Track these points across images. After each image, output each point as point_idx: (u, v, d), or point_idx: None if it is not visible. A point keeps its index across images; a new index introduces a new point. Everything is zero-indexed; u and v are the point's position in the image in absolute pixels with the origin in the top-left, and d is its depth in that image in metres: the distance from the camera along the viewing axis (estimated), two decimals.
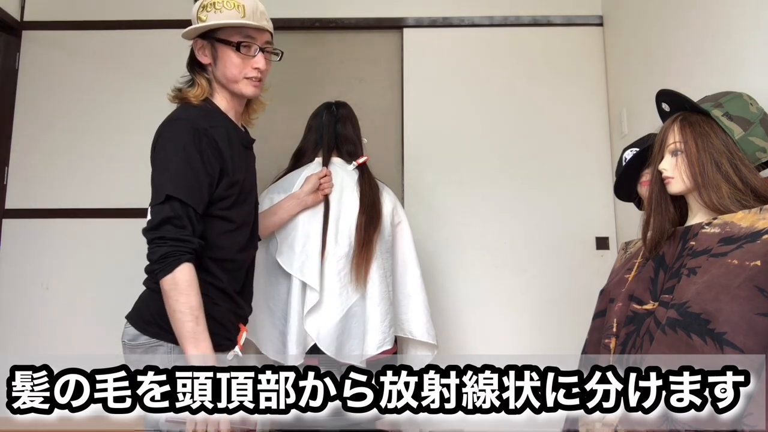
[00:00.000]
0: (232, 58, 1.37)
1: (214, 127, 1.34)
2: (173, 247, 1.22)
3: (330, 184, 1.87)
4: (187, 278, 1.21)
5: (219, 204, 1.33)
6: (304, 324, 1.77)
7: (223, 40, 1.37)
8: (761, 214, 1.06)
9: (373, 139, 2.33)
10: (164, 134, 1.32)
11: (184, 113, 1.34)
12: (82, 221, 2.67)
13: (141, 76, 2.76)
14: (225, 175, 1.33)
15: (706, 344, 0.95)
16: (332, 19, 2.82)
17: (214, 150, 1.31)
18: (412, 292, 2.00)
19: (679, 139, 1.23)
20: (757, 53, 1.59)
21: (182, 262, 1.21)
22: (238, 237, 1.40)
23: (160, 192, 1.25)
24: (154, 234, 1.23)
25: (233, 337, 1.38)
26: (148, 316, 1.31)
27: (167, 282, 1.21)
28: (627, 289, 1.29)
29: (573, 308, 2.56)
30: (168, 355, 1.27)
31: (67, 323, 2.59)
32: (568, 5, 2.83)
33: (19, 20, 2.80)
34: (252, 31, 1.38)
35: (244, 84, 1.40)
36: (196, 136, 1.29)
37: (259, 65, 1.39)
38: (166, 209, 1.23)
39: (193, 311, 1.20)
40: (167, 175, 1.26)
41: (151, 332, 1.29)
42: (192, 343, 1.20)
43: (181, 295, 1.20)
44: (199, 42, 1.40)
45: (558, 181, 2.70)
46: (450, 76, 2.79)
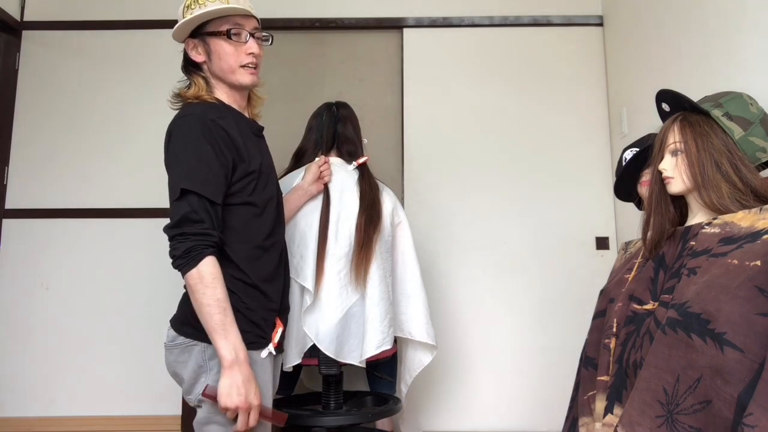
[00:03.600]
0: (225, 48, 1.37)
1: (223, 118, 1.34)
2: (195, 241, 1.22)
3: (329, 172, 1.88)
4: (212, 271, 1.22)
5: (241, 193, 1.33)
6: (303, 324, 1.77)
7: (213, 32, 1.37)
8: (761, 214, 1.06)
9: (373, 139, 2.33)
10: (174, 132, 1.32)
11: (191, 109, 1.34)
12: (82, 221, 2.67)
13: (141, 76, 2.77)
14: (241, 162, 1.33)
15: (706, 344, 0.95)
16: (332, 19, 2.83)
17: (226, 140, 1.31)
18: (412, 293, 2.00)
19: (679, 139, 1.23)
20: (757, 53, 1.59)
21: (206, 255, 1.22)
22: (265, 221, 1.39)
23: (176, 188, 1.26)
24: (175, 231, 1.24)
25: (266, 334, 1.36)
26: (182, 318, 1.33)
27: (192, 276, 1.21)
28: (627, 289, 1.29)
29: (573, 308, 2.56)
30: (202, 353, 1.28)
31: (67, 323, 2.59)
32: (568, 5, 2.83)
33: (19, 20, 2.80)
34: (239, 18, 1.39)
35: (241, 73, 1.39)
36: (206, 128, 1.29)
37: (252, 50, 1.39)
38: (183, 205, 1.24)
39: (220, 303, 1.21)
40: (181, 171, 1.27)
41: (186, 333, 1.30)
42: (222, 335, 1.21)
43: (207, 288, 1.21)
44: (191, 42, 1.41)
45: (558, 181, 2.70)
46: (450, 76, 2.79)
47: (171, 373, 1.35)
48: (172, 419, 2.51)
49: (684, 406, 0.96)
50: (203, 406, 1.29)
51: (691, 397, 0.95)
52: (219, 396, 1.20)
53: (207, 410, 1.28)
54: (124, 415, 2.53)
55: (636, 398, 1.06)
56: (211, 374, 1.27)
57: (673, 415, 0.97)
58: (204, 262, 1.21)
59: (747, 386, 0.88)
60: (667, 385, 1.00)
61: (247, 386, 1.21)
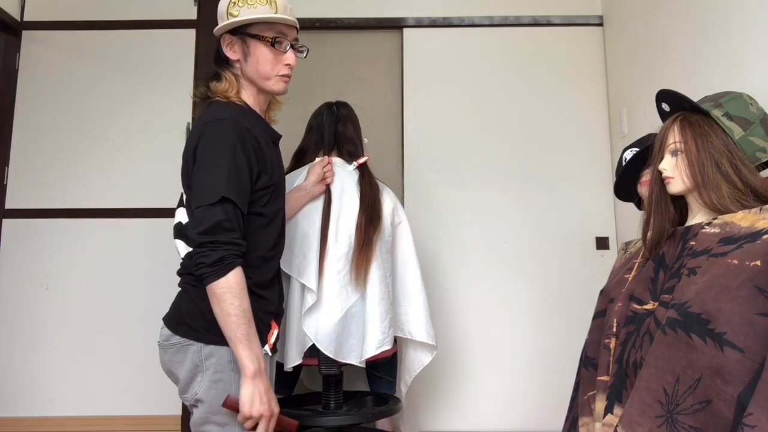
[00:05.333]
0: (265, 54, 1.36)
1: (253, 126, 1.34)
2: (227, 251, 1.22)
3: (332, 173, 1.88)
4: (240, 281, 1.22)
5: (255, 203, 1.33)
6: (303, 324, 1.77)
7: (256, 35, 1.36)
8: (761, 214, 1.05)
9: (373, 139, 2.33)
10: (210, 134, 1.29)
11: (226, 112, 1.32)
12: (82, 221, 2.67)
13: (141, 76, 2.76)
14: (263, 174, 1.33)
15: (706, 344, 0.95)
16: (332, 19, 2.83)
17: (257, 150, 1.31)
18: (412, 293, 2.00)
19: (679, 139, 1.23)
20: (757, 53, 1.59)
21: (236, 266, 1.22)
22: (270, 232, 1.39)
23: (212, 192, 1.23)
24: (208, 237, 1.22)
25: (263, 335, 1.37)
26: (178, 317, 1.33)
27: (220, 286, 1.21)
28: (627, 289, 1.29)
29: (573, 308, 2.56)
30: (198, 353, 1.28)
31: (67, 323, 2.59)
32: (568, 5, 2.83)
33: (19, 20, 2.80)
34: (284, 27, 1.38)
35: (275, 81, 1.39)
36: (242, 137, 1.28)
37: (290, 62, 1.39)
38: (218, 212, 1.22)
39: (246, 314, 1.22)
40: (221, 177, 1.24)
41: (181, 332, 1.30)
42: (246, 345, 1.21)
43: (235, 298, 1.21)
44: (228, 37, 1.38)
45: (558, 181, 2.70)
46: (450, 76, 2.79)
47: (166, 372, 1.36)
48: (172, 419, 2.51)
49: (684, 406, 0.96)
50: (199, 407, 1.29)
51: (691, 397, 0.95)
52: (242, 405, 1.21)
53: (204, 410, 1.28)
54: (124, 415, 2.53)
55: (636, 398, 1.06)
56: (206, 374, 1.28)
57: (673, 415, 0.97)
58: (234, 272, 1.22)
59: (747, 386, 0.88)
60: (667, 385, 1.00)
61: (269, 395, 1.23)
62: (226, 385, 1.27)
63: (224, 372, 1.28)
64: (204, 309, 1.27)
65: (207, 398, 1.27)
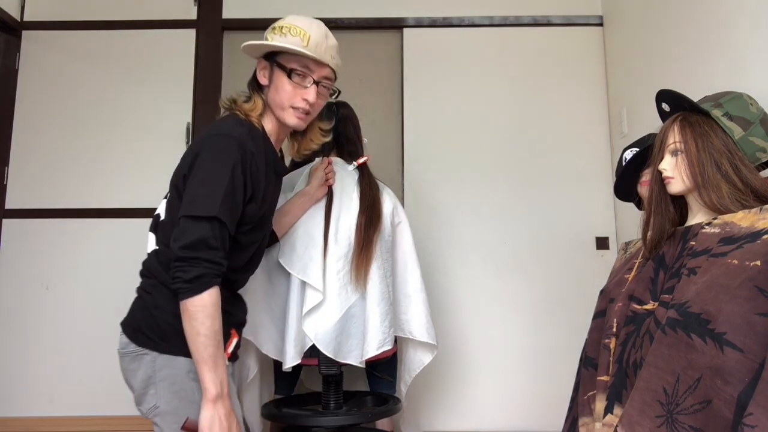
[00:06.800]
0: (284, 84, 1.36)
1: (258, 153, 1.33)
2: (207, 268, 1.19)
3: (333, 173, 1.88)
4: (215, 302, 1.20)
5: (239, 228, 1.32)
6: (303, 324, 1.77)
7: (280, 64, 1.37)
8: (761, 214, 1.06)
9: (373, 139, 2.33)
10: (213, 147, 1.27)
11: (234, 130, 1.30)
12: (82, 221, 2.67)
13: (141, 76, 2.76)
14: (253, 202, 1.32)
15: (706, 344, 0.95)
16: (332, 19, 2.82)
17: (255, 176, 1.31)
18: (412, 293, 2.00)
19: (679, 139, 1.23)
20: (758, 53, 1.59)
21: (213, 285, 1.20)
22: (242, 257, 1.39)
23: (203, 207, 1.21)
24: (190, 253, 1.19)
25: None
26: (135, 324, 1.31)
27: (195, 303, 1.18)
28: (627, 289, 1.29)
29: (573, 308, 2.56)
30: (152, 364, 1.26)
31: (67, 323, 2.59)
32: (568, 5, 2.83)
33: (19, 20, 2.80)
34: (311, 63, 1.37)
35: (289, 113, 1.38)
36: (244, 158, 1.27)
37: (308, 97, 1.37)
38: (205, 228, 1.21)
39: (216, 336, 1.20)
40: (216, 194, 1.22)
41: (138, 340, 1.28)
42: (212, 368, 1.19)
43: (207, 318, 1.19)
44: (263, 62, 1.41)
45: (558, 181, 2.70)
46: (450, 76, 2.79)
47: (125, 381, 1.33)
48: None
49: (684, 406, 0.96)
50: (165, 418, 1.26)
51: (691, 397, 0.95)
52: (201, 429, 1.18)
53: (171, 421, 1.26)
54: (124, 415, 2.52)
55: (636, 398, 1.06)
56: (159, 387, 1.25)
57: (673, 415, 0.97)
58: (209, 291, 1.19)
59: (747, 386, 0.88)
60: (667, 385, 1.00)
61: (229, 419, 1.20)
62: (189, 395, 1.25)
63: (184, 382, 1.26)
64: (159, 318, 1.26)
65: (170, 409, 1.25)
